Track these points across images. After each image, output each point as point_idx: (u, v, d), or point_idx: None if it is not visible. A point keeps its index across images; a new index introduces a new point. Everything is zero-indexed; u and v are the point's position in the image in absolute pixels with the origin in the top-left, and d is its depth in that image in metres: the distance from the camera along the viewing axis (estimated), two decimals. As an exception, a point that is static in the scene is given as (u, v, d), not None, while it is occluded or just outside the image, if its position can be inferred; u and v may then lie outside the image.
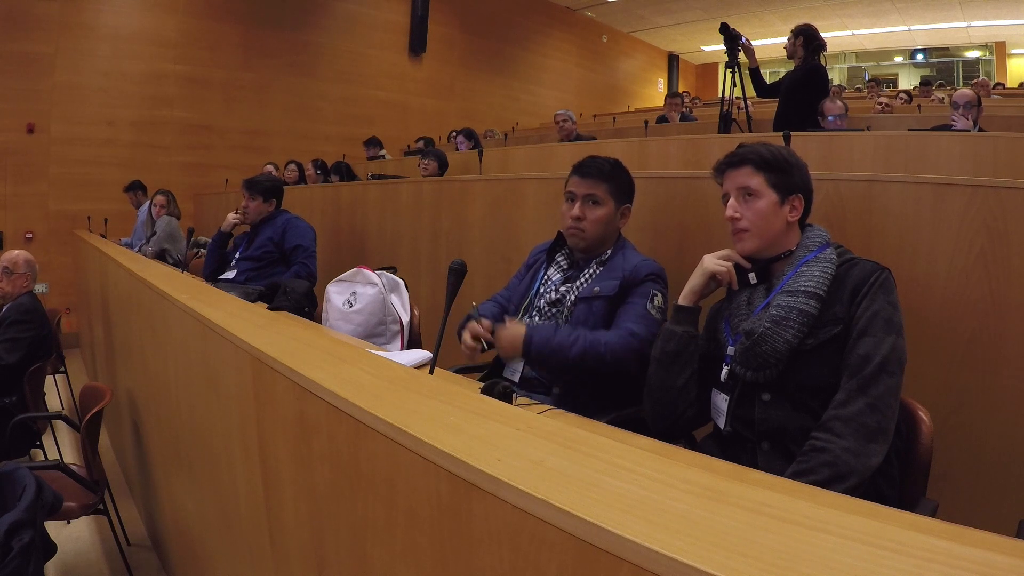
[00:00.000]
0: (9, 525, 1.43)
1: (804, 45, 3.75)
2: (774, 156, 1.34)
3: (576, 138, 5.15)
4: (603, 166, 1.78)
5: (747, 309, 1.34)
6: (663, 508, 0.56)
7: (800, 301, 1.23)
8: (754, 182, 1.33)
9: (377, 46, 8.62)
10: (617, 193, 1.77)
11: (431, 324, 2.32)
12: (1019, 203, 1.54)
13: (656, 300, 1.65)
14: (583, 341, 1.57)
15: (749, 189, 1.34)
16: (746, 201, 1.34)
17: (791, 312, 1.22)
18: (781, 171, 1.34)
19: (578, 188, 1.76)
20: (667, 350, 1.41)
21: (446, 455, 0.69)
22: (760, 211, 1.33)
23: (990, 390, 1.58)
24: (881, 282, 1.22)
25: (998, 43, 12.38)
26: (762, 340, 1.23)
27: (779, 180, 1.34)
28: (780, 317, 1.23)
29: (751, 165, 1.34)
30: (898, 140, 3.08)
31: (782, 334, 1.22)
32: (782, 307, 1.24)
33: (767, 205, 1.33)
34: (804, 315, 1.22)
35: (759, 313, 1.29)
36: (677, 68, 14.61)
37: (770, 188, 1.33)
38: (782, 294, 1.26)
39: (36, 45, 5.96)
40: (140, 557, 2.46)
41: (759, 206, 1.33)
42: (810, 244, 1.33)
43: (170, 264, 3.83)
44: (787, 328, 1.22)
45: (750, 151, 1.35)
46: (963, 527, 0.76)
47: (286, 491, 1.12)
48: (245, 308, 1.70)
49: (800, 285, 1.25)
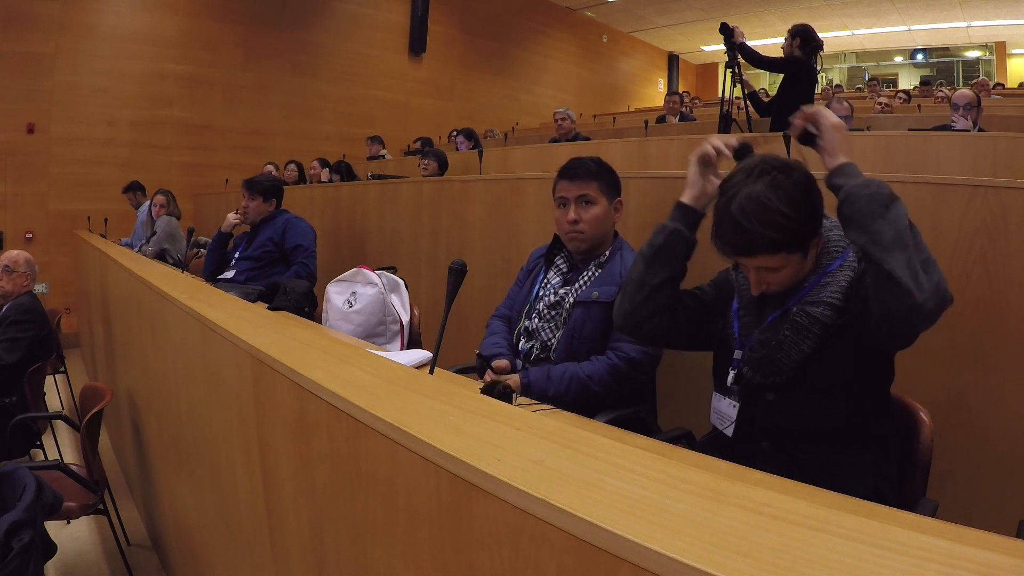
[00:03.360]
0: (9, 525, 1.43)
1: (801, 46, 3.76)
2: (786, 234, 1.14)
3: (574, 137, 5.15)
4: (589, 165, 1.77)
5: (756, 311, 1.29)
6: (663, 508, 0.56)
7: (825, 313, 1.18)
8: (774, 262, 1.18)
9: (377, 46, 8.61)
10: (607, 189, 1.77)
11: (431, 324, 2.32)
12: (1019, 203, 1.55)
13: None
14: (574, 384, 1.60)
15: (771, 268, 1.20)
16: (769, 272, 1.21)
17: (814, 324, 1.18)
18: (800, 238, 1.17)
19: (569, 191, 1.75)
20: (653, 243, 1.35)
21: (446, 455, 0.69)
22: (789, 276, 1.22)
23: (990, 390, 1.58)
24: None
25: (998, 43, 12.38)
26: (779, 348, 1.20)
27: (799, 244, 1.17)
28: (802, 326, 1.19)
29: (766, 253, 1.16)
30: (898, 140, 3.09)
31: (799, 344, 1.19)
32: (807, 315, 1.19)
33: (791, 271, 1.21)
34: (824, 327, 1.18)
35: (773, 321, 1.24)
36: (677, 68, 14.61)
37: (792, 255, 1.18)
38: (808, 303, 1.20)
39: (36, 45, 5.95)
40: (140, 557, 2.46)
41: (785, 274, 1.21)
42: (833, 250, 1.24)
43: (170, 264, 3.83)
44: (806, 338, 1.19)
45: (758, 237, 1.14)
46: (963, 527, 0.76)
47: (286, 491, 1.12)
48: (245, 308, 1.70)
49: (826, 296, 1.19)
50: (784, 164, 1.18)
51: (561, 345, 1.70)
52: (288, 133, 7.65)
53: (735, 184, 1.18)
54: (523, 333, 1.79)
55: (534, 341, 1.76)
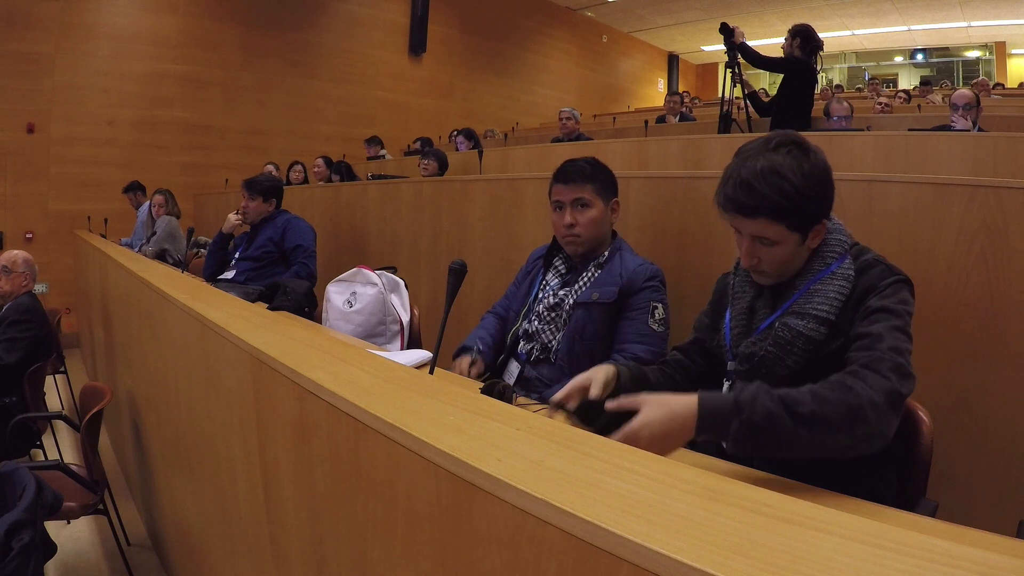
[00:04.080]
0: (9, 525, 1.43)
1: (801, 46, 3.77)
2: (793, 205, 1.11)
3: (576, 137, 5.16)
4: (584, 168, 1.75)
5: (748, 320, 1.24)
6: (663, 508, 0.56)
7: (809, 327, 1.12)
8: (773, 232, 1.14)
9: (377, 46, 8.62)
10: (603, 191, 1.75)
11: (431, 324, 2.32)
12: (1019, 203, 1.55)
13: (657, 313, 1.64)
14: None
15: (767, 240, 1.15)
16: (764, 246, 1.16)
17: (797, 338, 1.12)
18: (804, 215, 1.13)
19: (564, 195, 1.73)
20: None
21: (446, 455, 0.69)
22: (781, 257, 1.17)
23: (990, 390, 1.58)
24: (891, 284, 1.10)
25: (998, 43, 12.38)
26: (762, 364, 1.15)
27: (801, 221, 1.14)
28: (785, 341, 1.13)
29: (768, 217, 1.12)
30: (898, 140, 3.09)
31: (783, 360, 1.14)
32: (789, 329, 1.13)
33: (786, 251, 1.16)
34: (810, 342, 1.12)
35: (763, 332, 1.19)
36: (677, 68, 14.61)
37: (792, 234, 1.14)
38: (791, 314, 1.15)
39: (36, 45, 5.95)
40: (140, 557, 2.46)
41: (778, 252, 1.16)
42: (828, 254, 1.17)
43: (170, 264, 3.83)
44: (790, 354, 1.13)
45: (764, 199, 1.11)
46: (963, 527, 0.76)
47: (286, 491, 1.12)
48: (245, 308, 1.70)
49: (812, 307, 1.13)
50: (805, 143, 1.15)
51: (563, 347, 1.70)
52: (288, 133, 7.65)
53: (752, 150, 1.15)
54: (522, 335, 1.79)
55: (534, 343, 1.76)
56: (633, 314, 1.65)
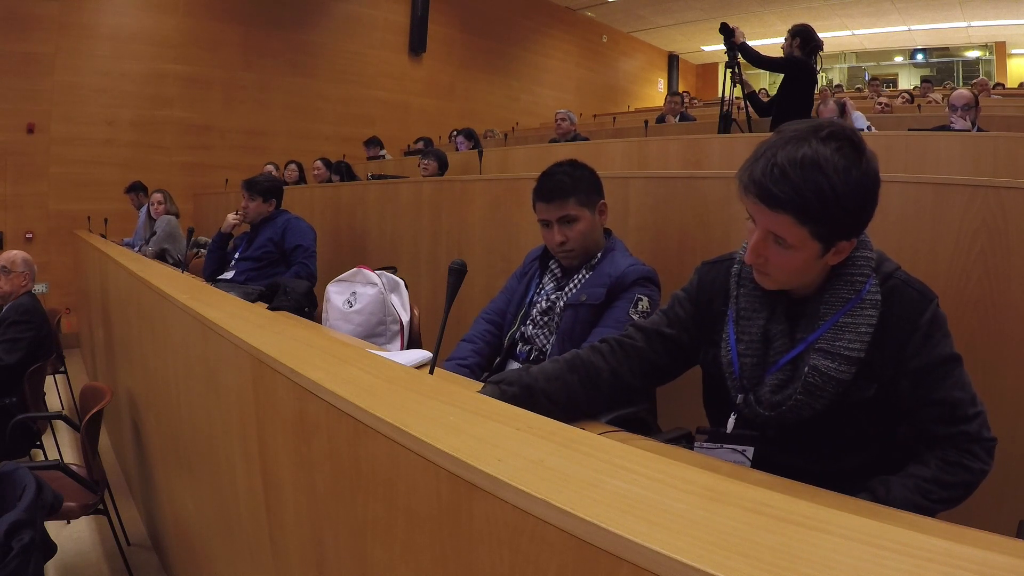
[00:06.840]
0: (9, 525, 1.43)
1: (801, 46, 3.77)
2: (824, 209, 0.95)
3: (573, 138, 5.16)
4: (562, 182, 1.69)
5: (763, 349, 1.09)
6: (663, 508, 0.56)
7: (840, 369, 1.00)
8: (793, 235, 0.98)
9: (377, 46, 8.62)
10: (587, 199, 1.70)
11: (431, 324, 2.32)
12: (1019, 203, 1.55)
13: (641, 305, 1.61)
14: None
15: (783, 241, 1.00)
16: (776, 245, 1.01)
17: (828, 383, 1.01)
18: (833, 225, 0.98)
19: (548, 214, 1.70)
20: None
21: (446, 455, 0.69)
22: (792, 266, 1.02)
23: (990, 390, 1.58)
24: (931, 321, 1.01)
25: (998, 43, 12.38)
26: (790, 411, 1.04)
27: (827, 231, 0.98)
28: (816, 386, 1.01)
29: (792, 214, 0.96)
30: (898, 140, 3.09)
31: (812, 404, 1.03)
32: (820, 373, 1.01)
33: (799, 259, 1.01)
34: (840, 384, 1.01)
35: (784, 366, 1.06)
36: (677, 68, 14.61)
37: (813, 242, 0.99)
38: (819, 352, 1.02)
39: (36, 45, 5.95)
40: (140, 557, 2.46)
41: (791, 260, 1.01)
42: (856, 277, 1.03)
43: (170, 264, 3.83)
44: (819, 399, 1.02)
45: (795, 194, 0.94)
46: (963, 527, 0.76)
47: (286, 491, 1.12)
48: (245, 308, 1.70)
49: (844, 346, 1.00)
50: (862, 143, 0.97)
51: (555, 350, 1.69)
52: (288, 133, 7.65)
53: (798, 133, 0.97)
54: (519, 338, 1.79)
55: (531, 346, 1.76)
56: (616, 303, 1.64)
